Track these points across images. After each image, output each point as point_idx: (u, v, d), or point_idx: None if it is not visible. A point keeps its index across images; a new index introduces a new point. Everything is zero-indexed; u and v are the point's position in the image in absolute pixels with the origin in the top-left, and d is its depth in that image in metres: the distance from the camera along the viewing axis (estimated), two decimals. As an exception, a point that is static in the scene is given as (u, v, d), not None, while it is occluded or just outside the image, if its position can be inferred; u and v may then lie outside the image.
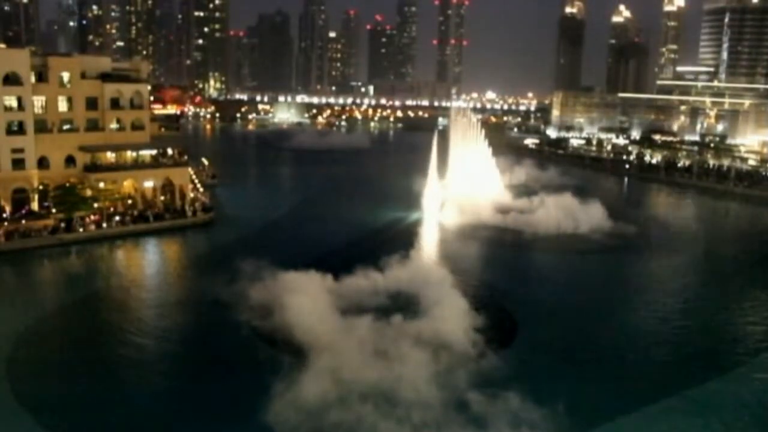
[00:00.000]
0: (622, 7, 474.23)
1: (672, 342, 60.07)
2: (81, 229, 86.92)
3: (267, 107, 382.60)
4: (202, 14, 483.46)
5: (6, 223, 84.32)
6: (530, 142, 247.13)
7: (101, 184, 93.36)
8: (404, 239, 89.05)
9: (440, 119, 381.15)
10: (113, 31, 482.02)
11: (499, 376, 49.09)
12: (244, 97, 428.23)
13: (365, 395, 44.24)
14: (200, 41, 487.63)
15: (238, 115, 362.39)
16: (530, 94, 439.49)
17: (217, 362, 51.80)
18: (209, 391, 47.11)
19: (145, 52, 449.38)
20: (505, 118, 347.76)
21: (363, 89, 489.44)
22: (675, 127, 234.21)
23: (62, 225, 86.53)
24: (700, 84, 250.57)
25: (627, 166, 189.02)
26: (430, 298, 59.12)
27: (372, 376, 46.37)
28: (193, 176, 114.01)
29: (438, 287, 61.62)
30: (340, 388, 44.82)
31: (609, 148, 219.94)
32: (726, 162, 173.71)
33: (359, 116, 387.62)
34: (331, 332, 52.40)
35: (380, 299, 61.07)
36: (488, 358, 51.88)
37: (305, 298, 56.97)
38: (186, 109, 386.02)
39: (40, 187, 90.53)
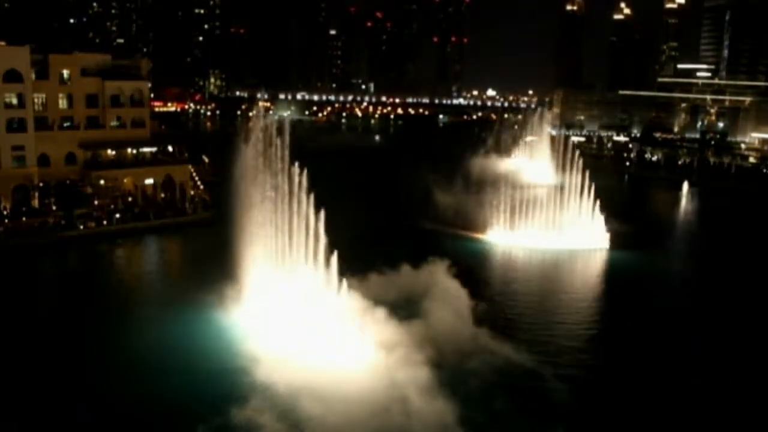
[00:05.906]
0: (622, 5, 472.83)
1: (671, 341, 60.13)
2: (81, 227, 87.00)
3: (267, 105, 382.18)
4: (202, 11, 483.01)
5: (7, 221, 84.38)
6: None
7: (102, 182, 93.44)
8: (409, 242, 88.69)
9: (440, 117, 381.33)
10: (113, 28, 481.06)
11: (496, 378, 49.40)
12: (245, 94, 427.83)
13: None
14: (201, 38, 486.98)
15: (239, 112, 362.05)
16: (531, 92, 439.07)
17: (211, 371, 50.15)
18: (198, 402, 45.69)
19: (145, 50, 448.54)
20: (505, 116, 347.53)
21: (363, 86, 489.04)
22: (676, 125, 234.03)
23: (63, 222, 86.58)
24: (700, 81, 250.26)
25: (627, 163, 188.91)
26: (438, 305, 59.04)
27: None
28: (194, 173, 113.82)
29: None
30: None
31: (609, 145, 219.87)
32: (726, 159, 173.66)
33: (360, 113, 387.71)
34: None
35: (386, 306, 59.12)
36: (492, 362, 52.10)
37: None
38: (187, 107, 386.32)
39: (41, 185, 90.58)
